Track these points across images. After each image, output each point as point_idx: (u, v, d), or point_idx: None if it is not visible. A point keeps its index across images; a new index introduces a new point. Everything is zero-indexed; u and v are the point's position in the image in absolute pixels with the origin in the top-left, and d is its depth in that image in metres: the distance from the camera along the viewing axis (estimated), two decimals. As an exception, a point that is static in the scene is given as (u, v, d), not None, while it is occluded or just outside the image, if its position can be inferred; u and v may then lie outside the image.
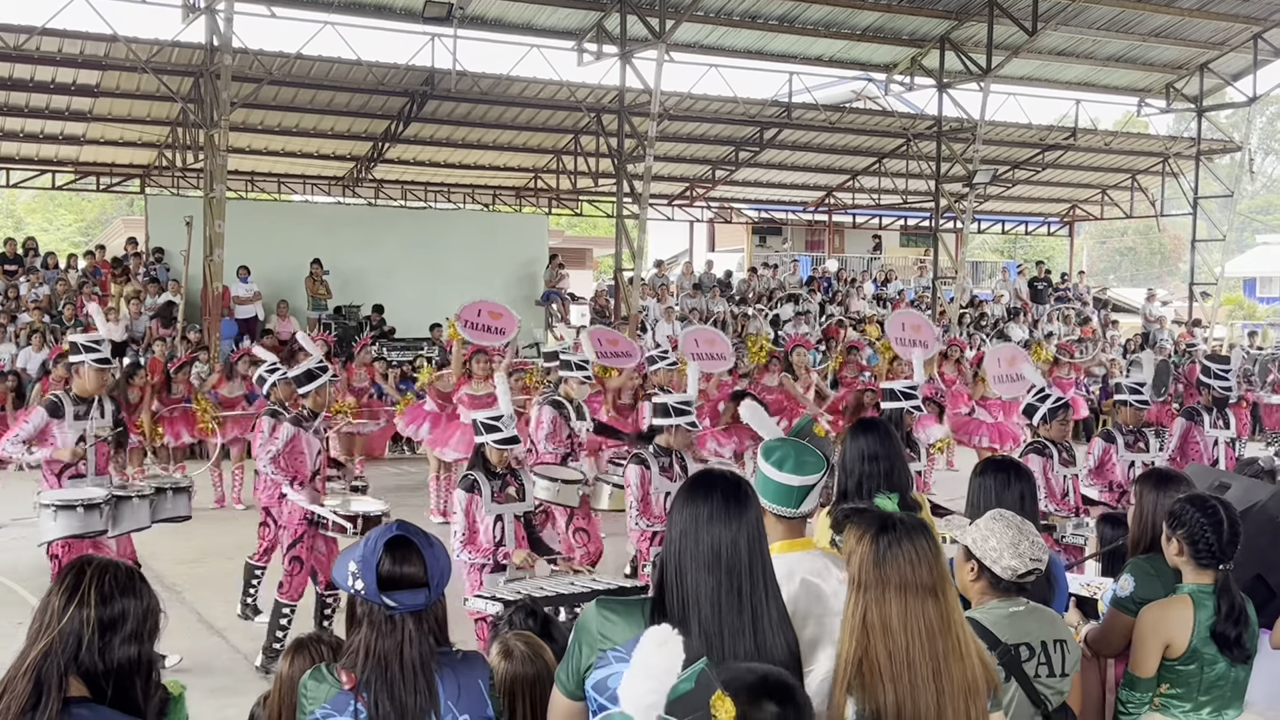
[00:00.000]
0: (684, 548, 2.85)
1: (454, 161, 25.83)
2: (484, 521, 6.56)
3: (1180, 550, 4.03)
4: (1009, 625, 3.43)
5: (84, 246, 27.21)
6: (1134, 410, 8.80)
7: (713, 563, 2.82)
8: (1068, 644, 3.50)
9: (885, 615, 2.85)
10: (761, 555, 2.88)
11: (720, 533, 2.84)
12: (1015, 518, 3.54)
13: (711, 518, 2.85)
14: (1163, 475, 4.63)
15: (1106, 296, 33.09)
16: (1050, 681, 3.43)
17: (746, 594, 2.82)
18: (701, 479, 2.98)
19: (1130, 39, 24.59)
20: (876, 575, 2.89)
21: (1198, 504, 4.04)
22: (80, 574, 2.56)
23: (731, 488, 2.92)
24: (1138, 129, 34.37)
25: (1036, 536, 3.48)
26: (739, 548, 2.84)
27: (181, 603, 9.15)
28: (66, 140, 22.31)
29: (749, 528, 2.87)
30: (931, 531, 2.97)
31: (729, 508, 2.87)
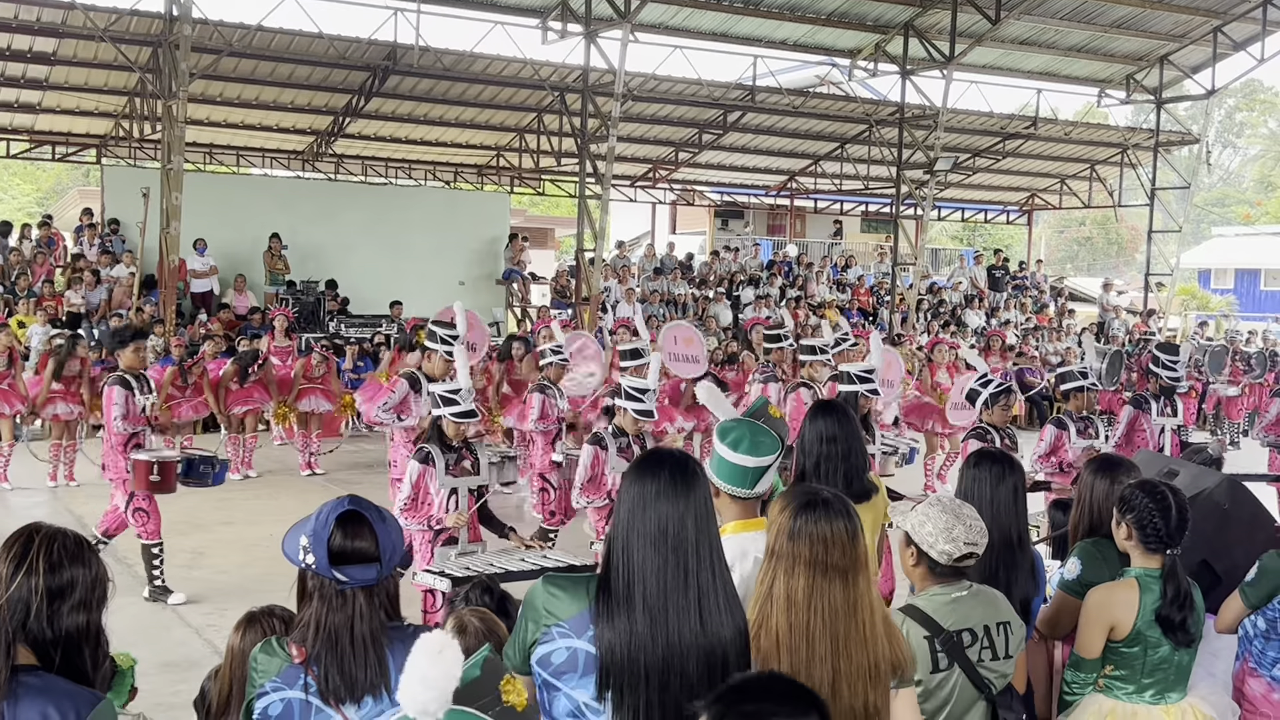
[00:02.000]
0: (631, 525, 2.85)
1: (416, 138, 25.66)
2: (439, 495, 6.57)
3: (1129, 535, 4.08)
4: (951, 611, 3.45)
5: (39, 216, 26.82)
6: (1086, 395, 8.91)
7: (659, 540, 2.81)
8: (1010, 625, 3.52)
9: (792, 588, 2.92)
10: (709, 534, 2.87)
11: (667, 510, 2.83)
12: (953, 502, 3.55)
13: (659, 495, 2.84)
14: (1108, 461, 4.69)
15: (1063, 285, 33.37)
16: (994, 665, 3.46)
17: (693, 572, 2.81)
18: (650, 457, 2.98)
19: (1092, 30, 24.76)
20: (790, 548, 2.95)
21: (1147, 489, 4.10)
22: (29, 542, 2.54)
23: (680, 466, 2.91)
24: (1097, 119, 34.68)
25: (975, 521, 3.48)
26: (685, 526, 2.83)
27: (134, 576, 9.08)
28: (22, 109, 21.98)
29: (696, 506, 2.86)
30: (854, 515, 3.00)
31: (676, 486, 2.86)
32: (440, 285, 23.52)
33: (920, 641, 3.40)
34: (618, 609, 2.78)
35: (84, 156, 25.01)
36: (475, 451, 6.80)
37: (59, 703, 2.45)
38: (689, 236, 32.83)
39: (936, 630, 3.41)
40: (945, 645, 3.40)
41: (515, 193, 29.06)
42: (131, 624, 7.65)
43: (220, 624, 7.87)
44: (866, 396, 8.06)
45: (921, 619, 3.43)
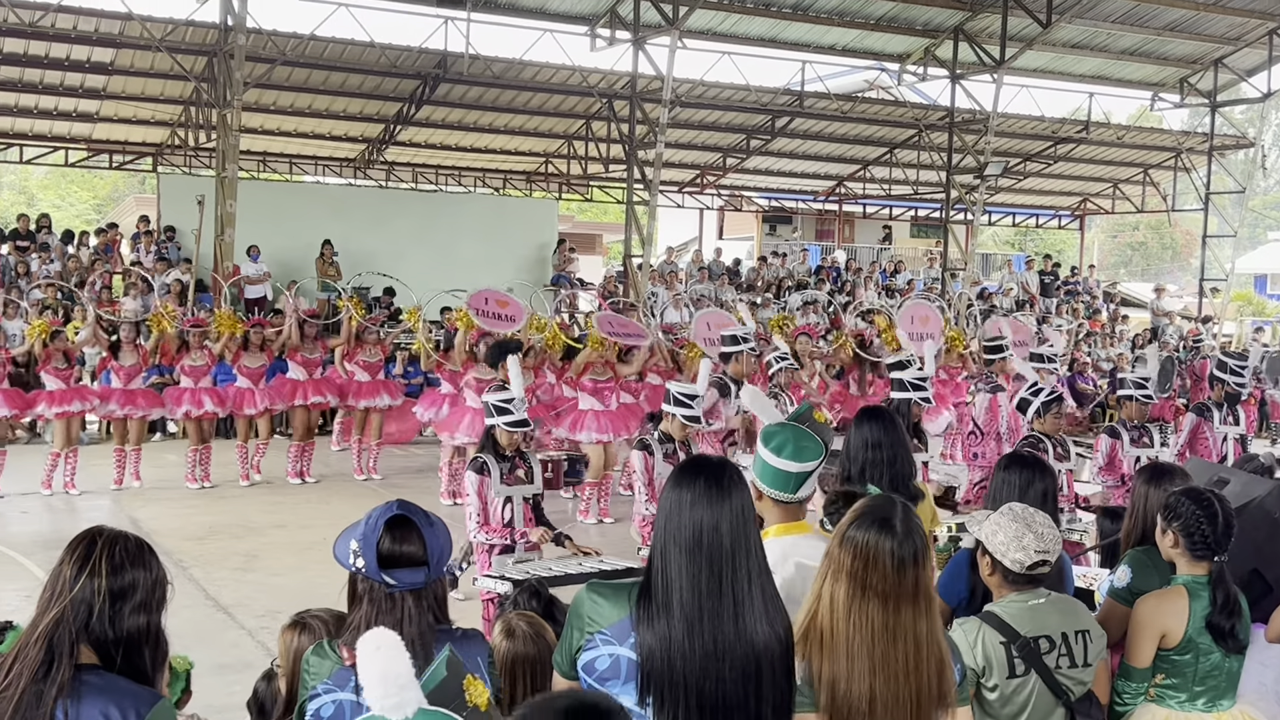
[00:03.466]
0: (667, 532, 2.85)
1: (465, 145, 25.86)
2: (493, 503, 6.62)
3: (1175, 542, 4.07)
4: (1028, 618, 3.47)
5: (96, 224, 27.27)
6: (1139, 405, 8.83)
7: (693, 547, 2.81)
8: (1090, 634, 3.54)
9: (834, 594, 2.88)
10: (746, 541, 2.85)
11: (702, 516, 2.82)
12: (1025, 511, 3.57)
13: (694, 502, 2.84)
14: (1158, 469, 4.67)
15: (1116, 291, 33.03)
16: (1072, 672, 3.48)
17: (728, 579, 2.80)
18: (688, 464, 2.99)
19: (1145, 33, 24.52)
20: (837, 553, 2.91)
21: (1192, 496, 4.08)
22: (92, 544, 2.61)
23: (715, 473, 2.90)
24: (1151, 123, 34.29)
25: (1047, 528, 3.51)
26: (720, 532, 2.82)
27: (189, 579, 9.23)
28: (80, 118, 22.37)
29: (732, 513, 2.84)
30: (912, 540, 2.89)
31: (711, 492, 2.85)
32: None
33: (996, 647, 3.43)
34: (657, 615, 2.79)
35: (140, 165, 25.40)
36: (529, 460, 6.84)
37: (120, 701, 2.52)
38: (736, 242, 32.81)
39: (1013, 636, 3.43)
40: (1022, 651, 3.43)
41: (563, 199, 29.19)
42: (186, 626, 7.77)
43: (273, 627, 7.96)
44: (919, 405, 8.05)
45: (998, 625, 3.46)
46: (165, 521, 11.50)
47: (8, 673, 2.51)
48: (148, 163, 24.71)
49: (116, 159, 24.61)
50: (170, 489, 13.22)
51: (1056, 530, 3.54)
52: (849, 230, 33.00)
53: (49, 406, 12.62)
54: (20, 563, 9.81)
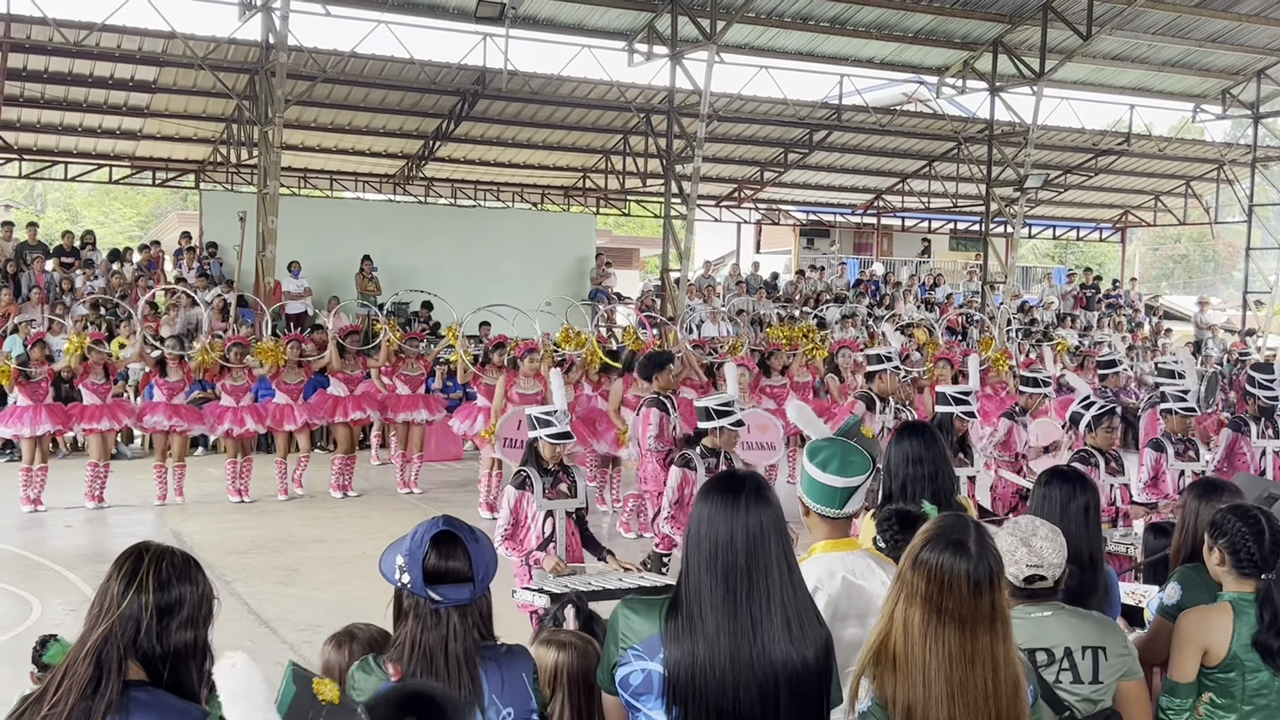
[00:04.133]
0: (690, 547, 2.87)
1: (503, 160, 25.97)
2: (535, 517, 6.61)
3: (1222, 560, 4.01)
4: (1029, 629, 3.39)
5: (140, 240, 27.57)
6: (1180, 418, 8.72)
7: (711, 563, 2.82)
8: (1104, 651, 3.43)
9: (909, 618, 2.80)
10: (764, 559, 2.82)
11: (719, 532, 2.83)
12: (1030, 525, 3.49)
13: (711, 517, 2.85)
14: (1209, 484, 4.61)
15: (1158, 304, 32.73)
16: (1075, 688, 3.38)
17: (743, 595, 2.79)
18: (713, 479, 2.99)
19: (1186, 44, 24.32)
20: (910, 576, 2.84)
21: (1239, 513, 4.02)
22: (139, 560, 2.62)
23: (735, 487, 2.90)
24: (1193, 135, 33.99)
25: (1047, 544, 3.42)
26: (734, 548, 2.81)
27: (231, 593, 9.28)
28: (124, 135, 22.63)
29: (747, 528, 2.83)
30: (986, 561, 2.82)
31: (729, 507, 2.85)
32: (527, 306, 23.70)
33: None
34: (683, 631, 2.80)
35: (183, 182, 25.65)
36: (573, 474, 6.83)
37: (167, 718, 2.53)
38: (774, 255, 32.74)
39: None
40: None
41: (601, 214, 29.25)
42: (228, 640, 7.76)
43: (314, 641, 8.00)
44: (962, 419, 7.99)
45: None
46: (208, 536, 11.58)
47: (57, 689, 2.52)
48: (190, 179, 24.95)
49: (159, 176, 24.85)
50: (212, 503, 13.31)
51: (1062, 547, 3.44)
52: (887, 243, 32.88)
53: (80, 421, 12.75)
54: (65, 576, 9.90)
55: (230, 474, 13.53)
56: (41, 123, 21.78)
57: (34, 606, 8.94)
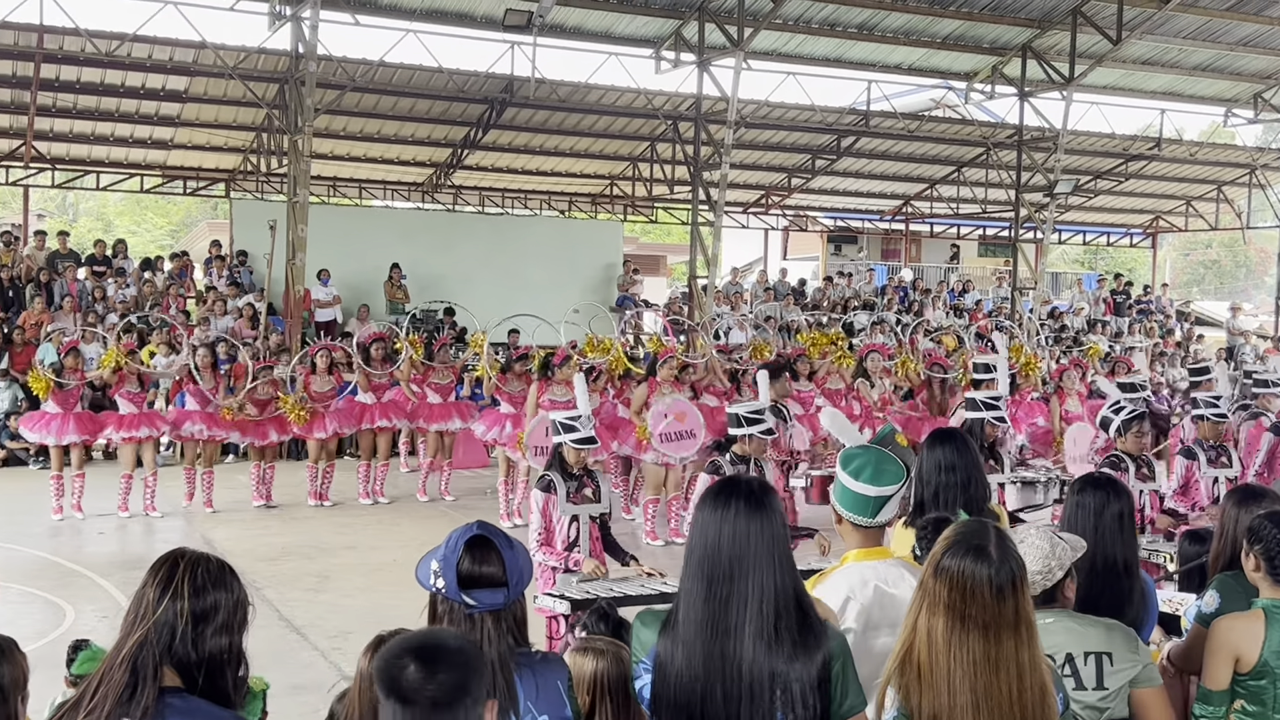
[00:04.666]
0: (685, 552, 2.91)
1: (531, 168, 26.03)
2: (559, 522, 6.61)
3: (1257, 566, 3.97)
4: None
5: (171, 249, 27.77)
6: (1212, 425, 8.64)
7: (698, 569, 2.84)
8: (1111, 657, 3.36)
9: (933, 627, 2.77)
10: (747, 561, 2.81)
11: (705, 535, 2.85)
12: (1020, 534, 3.40)
13: (703, 522, 2.87)
14: (1249, 491, 4.57)
15: (1190, 309, 32.49)
16: (1079, 695, 3.32)
17: (721, 598, 2.79)
18: (715, 485, 3.00)
19: (1217, 48, 24.14)
20: (933, 585, 2.81)
21: (1275, 519, 3.98)
22: (174, 566, 2.62)
23: (729, 493, 2.90)
24: (1224, 139, 33.73)
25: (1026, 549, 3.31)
26: (719, 551, 2.82)
27: (263, 599, 9.31)
28: (155, 145, 22.80)
29: (734, 531, 2.83)
30: (1008, 566, 2.78)
31: (720, 511, 2.86)
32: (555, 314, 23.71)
33: None
34: (667, 635, 2.84)
35: (213, 190, 25.83)
36: (597, 479, 6.83)
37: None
38: (801, 262, 32.68)
39: None
40: None
41: (628, 221, 29.27)
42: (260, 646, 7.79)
43: (345, 647, 8.03)
44: (993, 424, 7.93)
45: None
46: (239, 543, 11.63)
47: (93, 696, 2.52)
48: (220, 188, 25.13)
49: (190, 185, 25.04)
50: (243, 510, 13.39)
51: (1047, 554, 3.36)
52: (915, 250, 32.75)
53: (117, 430, 12.81)
54: (98, 583, 9.96)
55: (255, 480, 13.62)
56: (73, 133, 21.97)
57: (67, 613, 9.00)
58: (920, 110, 26.49)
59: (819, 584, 3.51)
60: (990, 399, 7.96)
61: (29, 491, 13.50)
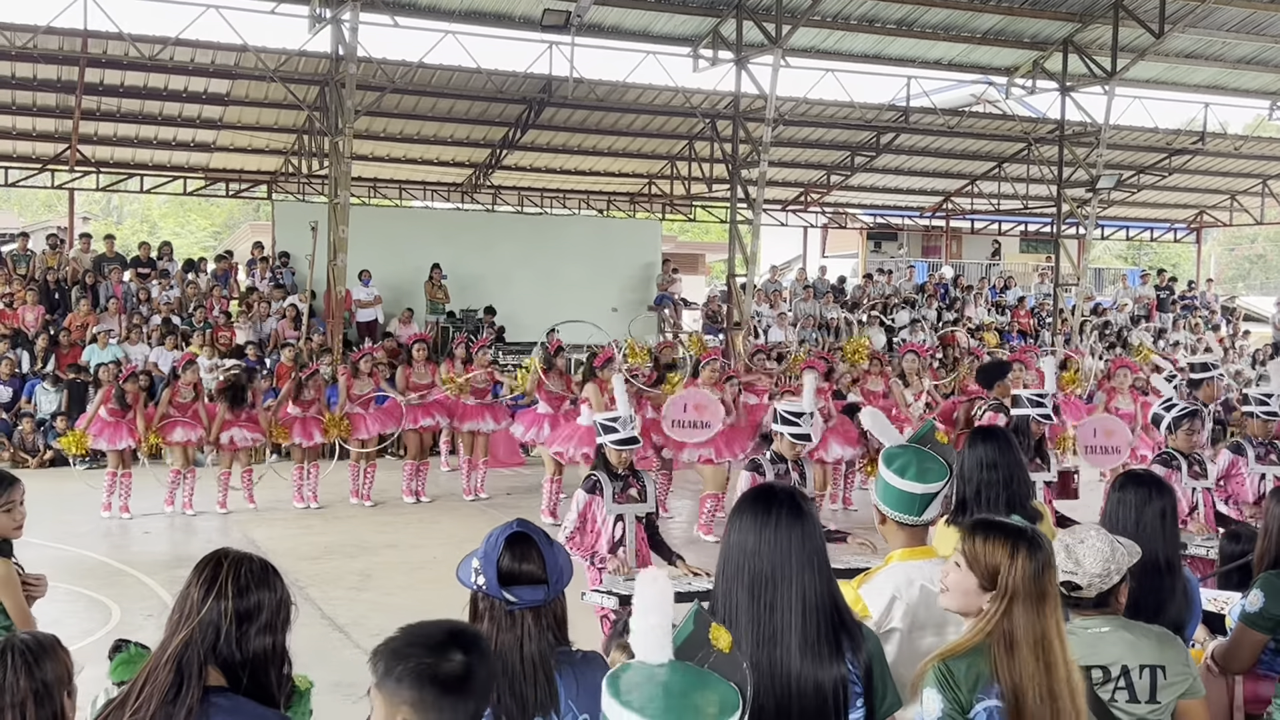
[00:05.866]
0: (723, 558, 2.91)
1: (570, 168, 26.07)
2: (605, 522, 6.63)
3: None
4: (1086, 645, 3.32)
5: (214, 250, 28.01)
6: (1262, 422, 8.53)
7: (735, 573, 2.86)
8: (1164, 670, 3.33)
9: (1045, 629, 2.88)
10: (788, 570, 2.84)
11: (745, 543, 2.86)
12: (1081, 533, 3.41)
13: (742, 529, 2.89)
14: (1295, 489, 4.51)
15: (1235, 305, 32.10)
16: (1131, 708, 3.30)
17: (764, 607, 2.82)
18: (750, 493, 3.01)
19: (1262, 40, 23.82)
20: (1051, 589, 2.92)
21: None
22: (218, 567, 2.64)
23: (764, 503, 2.92)
24: (1269, 133, 33.30)
25: (1087, 551, 3.35)
26: (760, 558, 2.84)
27: (305, 598, 9.37)
28: (198, 147, 23.01)
29: (776, 541, 2.85)
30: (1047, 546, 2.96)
31: (757, 520, 2.88)
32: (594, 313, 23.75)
33: None
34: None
35: (256, 192, 26.05)
36: (643, 479, 6.84)
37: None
38: (841, 259, 32.55)
39: None
40: None
41: (667, 219, 29.26)
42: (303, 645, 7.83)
43: (387, 646, 8.05)
44: (1039, 422, 7.86)
45: None
46: (281, 542, 11.72)
47: (139, 695, 2.54)
48: (263, 190, 25.33)
49: (233, 187, 25.25)
50: (285, 509, 13.50)
51: (1108, 557, 3.34)
52: (956, 246, 32.55)
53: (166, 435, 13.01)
54: (144, 582, 10.06)
55: (297, 481, 13.74)
56: (118, 136, 22.21)
57: (114, 612, 9.10)
58: (960, 106, 26.34)
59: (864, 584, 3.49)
60: (1036, 396, 7.88)
61: (75, 492, 13.65)
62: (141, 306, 19.39)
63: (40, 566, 4.83)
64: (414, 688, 2.26)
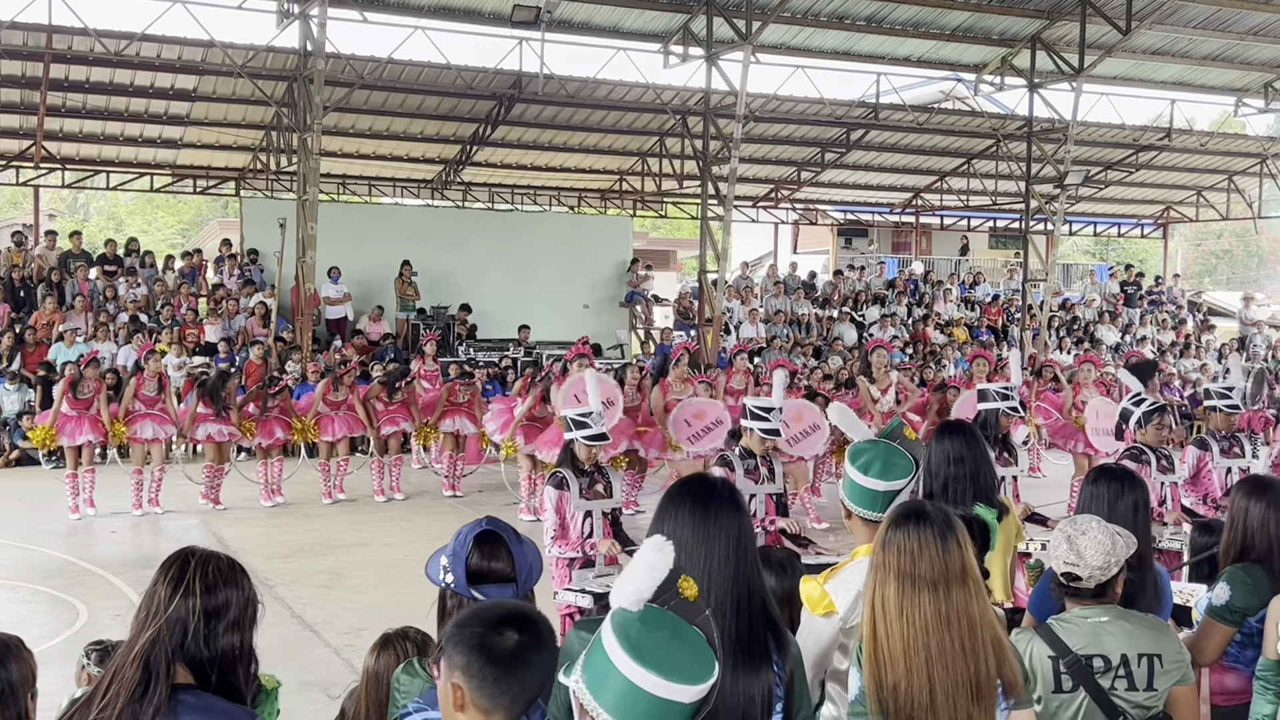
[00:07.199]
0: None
1: (540, 164, 26.02)
2: (573, 517, 6.63)
3: None
4: (1085, 635, 3.38)
5: (182, 247, 27.83)
6: (1225, 416, 8.60)
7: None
8: (1161, 659, 3.40)
9: (885, 597, 2.81)
10: (726, 572, 2.76)
11: (684, 536, 2.76)
12: (1083, 523, 3.47)
13: (680, 521, 2.80)
14: (1258, 482, 4.55)
15: (1202, 300, 32.38)
16: (1130, 695, 3.36)
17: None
18: (684, 482, 2.94)
19: (1228, 37, 24.03)
20: (880, 559, 2.86)
21: None
22: (185, 564, 2.62)
23: (705, 492, 2.86)
24: (1235, 129, 33.61)
25: (1089, 543, 3.40)
26: (695, 557, 2.75)
27: (275, 597, 9.34)
28: (165, 144, 22.84)
29: (714, 537, 2.78)
30: (953, 528, 2.84)
31: (695, 513, 2.80)
32: (565, 309, 23.80)
33: (1044, 660, 3.36)
34: None
35: (223, 189, 25.87)
36: (608, 475, 6.85)
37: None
38: (812, 256, 32.64)
39: (1063, 651, 3.36)
40: (1070, 667, 3.35)
41: (638, 216, 29.25)
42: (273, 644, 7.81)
43: (357, 644, 8.05)
44: (1007, 415, 7.90)
45: (1050, 639, 3.40)
46: (251, 541, 11.67)
47: (105, 692, 2.52)
48: (230, 187, 25.16)
49: (200, 184, 25.08)
50: (255, 508, 13.45)
51: (1109, 550, 3.39)
52: (926, 242, 32.69)
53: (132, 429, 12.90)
54: (111, 582, 10.00)
55: (262, 478, 13.69)
56: (83, 132, 22.01)
57: (80, 612, 9.04)
58: (929, 102, 26.44)
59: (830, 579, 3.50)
60: (1002, 390, 7.92)
61: (42, 491, 13.54)
62: (108, 304, 19.24)
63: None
64: (464, 654, 2.31)
